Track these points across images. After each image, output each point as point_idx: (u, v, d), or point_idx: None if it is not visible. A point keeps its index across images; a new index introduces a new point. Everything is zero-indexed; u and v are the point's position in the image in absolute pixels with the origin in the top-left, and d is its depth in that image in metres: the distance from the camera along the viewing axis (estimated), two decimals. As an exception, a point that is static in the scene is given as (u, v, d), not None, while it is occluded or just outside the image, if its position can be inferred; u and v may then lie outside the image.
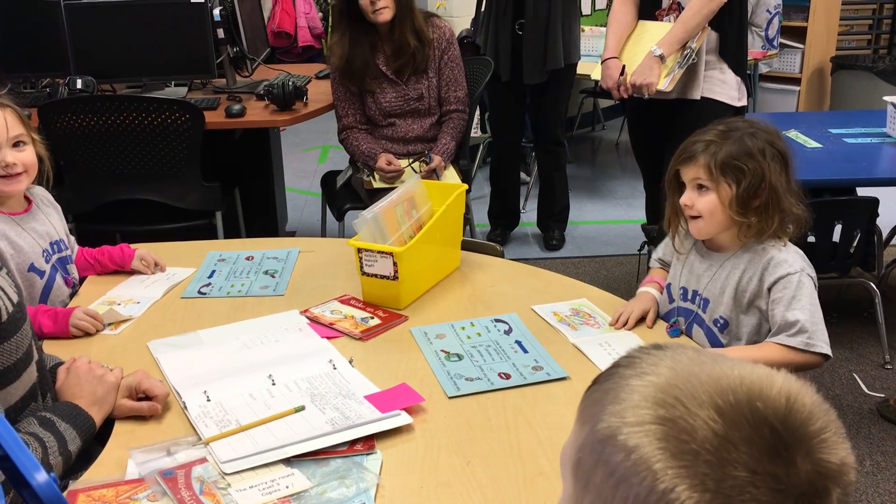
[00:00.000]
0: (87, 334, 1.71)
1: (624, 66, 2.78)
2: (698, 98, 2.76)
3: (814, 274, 1.64)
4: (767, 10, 5.38)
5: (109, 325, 1.76)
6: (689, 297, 1.76)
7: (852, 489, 0.59)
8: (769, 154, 1.60)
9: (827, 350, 1.59)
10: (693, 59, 2.69)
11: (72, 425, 1.31)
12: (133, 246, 2.08)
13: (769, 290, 1.63)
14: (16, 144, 1.80)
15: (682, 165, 1.67)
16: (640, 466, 0.57)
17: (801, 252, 1.66)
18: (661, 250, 1.91)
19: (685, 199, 1.66)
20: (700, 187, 1.64)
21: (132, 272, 2.02)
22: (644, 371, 0.62)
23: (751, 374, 0.60)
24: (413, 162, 3.06)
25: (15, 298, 1.32)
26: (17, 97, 3.21)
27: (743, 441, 0.56)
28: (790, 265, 1.61)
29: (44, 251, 1.87)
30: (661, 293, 1.82)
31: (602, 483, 0.60)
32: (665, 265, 1.89)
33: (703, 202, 1.63)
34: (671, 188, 1.72)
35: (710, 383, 0.59)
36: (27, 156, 1.81)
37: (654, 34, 2.76)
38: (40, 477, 0.68)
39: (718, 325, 1.72)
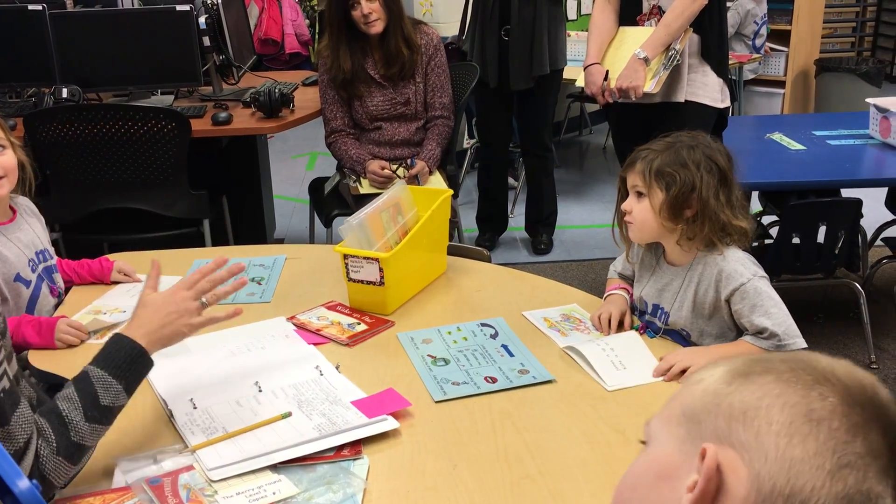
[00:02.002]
0: (72, 346, 1.71)
1: (607, 72, 2.79)
2: (682, 101, 2.78)
3: (764, 273, 1.68)
4: (755, 21, 5.48)
5: (95, 333, 1.76)
6: (651, 310, 1.79)
7: None
8: (704, 166, 1.65)
9: (801, 345, 1.63)
10: (678, 61, 2.70)
11: (107, 371, 1.23)
12: (112, 257, 2.08)
13: (727, 301, 1.67)
14: None
15: (626, 173, 1.73)
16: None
17: (746, 255, 1.70)
18: (621, 264, 1.94)
19: (625, 204, 1.73)
20: (639, 194, 1.70)
21: (114, 284, 2.01)
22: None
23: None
24: (398, 168, 3.07)
25: None
26: (2, 107, 3.22)
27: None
28: (741, 275, 1.64)
29: (30, 261, 1.87)
30: (629, 299, 1.85)
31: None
32: (623, 278, 1.92)
33: (639, 208, 1.70)
34: (620, 194, 1.78)
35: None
36: (6, 160, 1.81)
37: (636, 39, 2.77)
38: (22, 484, 0.68)
39: (683, 334, 1.75)
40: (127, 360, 1.26)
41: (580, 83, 2.94)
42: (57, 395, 1.23)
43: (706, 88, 2.79)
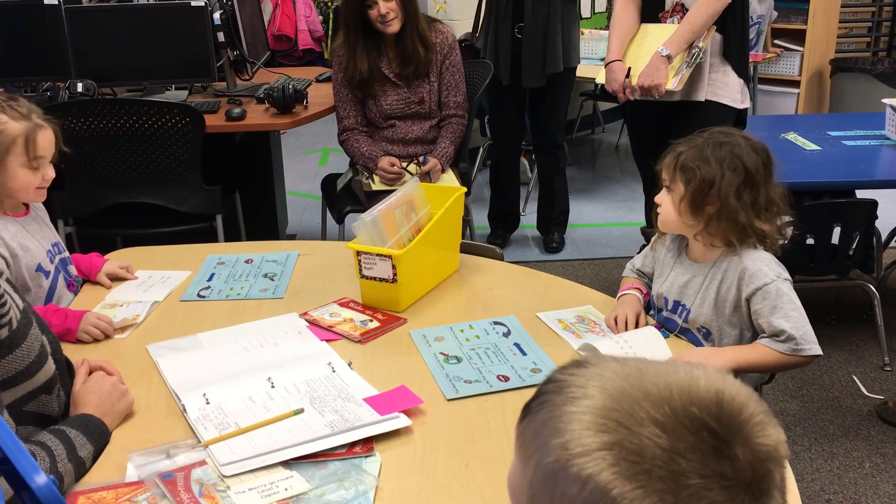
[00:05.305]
0: (96, 340, 1.72)
1: (629, 69, 2.78)
2: (702, 100, 2.76)
3: (788, 276, 1.66)
4: (751, 18, 5.46)
5: (117, 328, 1.76)
6: (671, 307, 1.78)
7: (787, 462, 0.62)
8: (728, 164, 1.63)
9: (816, 351, 1.61)
10: (700, 59, 2.69)
11: (82, 432, 1.31)
12: (124, 252, 2.09)
13: (748, 300, 1.66)
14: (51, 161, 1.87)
15: (659, 165, 1.74)
16: (596, 495, 0.58)
17: (773, 257, 1.69)
18: (640, 260, 1.93)
19: (657, 197, 1.74)
20: (668, 187, 1.71)
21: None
22: (574, 395, 0.63)
23: (677, 379, 0.62)
24: (409, 164, 3.07)
25: (21, 304, 1.34)
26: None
27: (689, 450, 0.58)
28: (765, 275, 1.63)
29: (48, 252, 1.90)
30: (643, 299, 1.84)
31: None
32: (642, 275, 1.91)
33: (665, 200, 1.71)
34: (657, 188, 1.78)
35: (643, 399, 0.60)
36: (50, 172, 1.89)
37: (657, 36, 2.76)
38: (39, 479, 0.68)
39: (702, 332, 1.74)
40: (97, 431, 1.35)
41: (601, 80, 2.93)
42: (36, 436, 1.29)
43: (727, 88, 2.77)
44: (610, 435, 0.59)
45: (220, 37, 3.33)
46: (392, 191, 2.00)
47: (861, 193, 2.98)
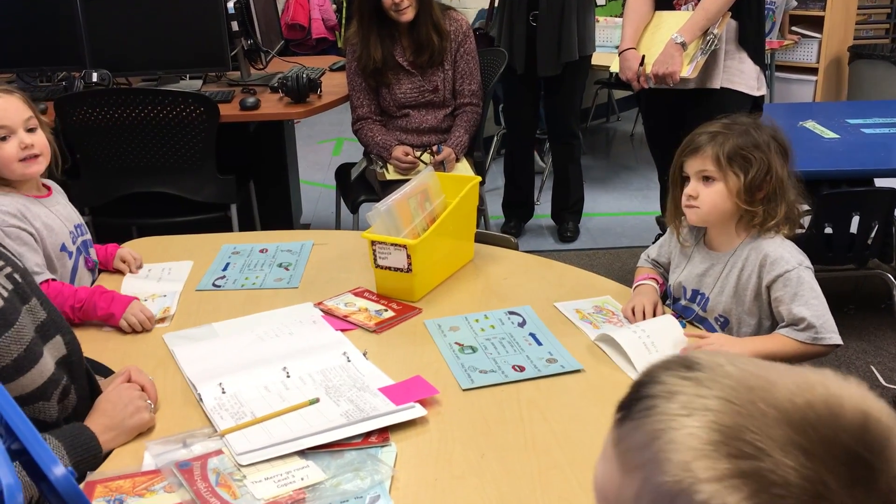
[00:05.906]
0: (134, 331, 1.71)
1: (643, 57, 2.76)
2: (718, 87, 2.74)
3: (810, 264, 1.65)
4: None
5: (156, 321, 1.76)
6: (689, 296, 1.77)
7: None
8: (773, 147, 1.63)
9: (836, 340, 1.60)
10: (716, 45, 2.66)
11: (64, 444, 1.25)
12: (139, 241, 2.09)
13: (768, 288, 1.64)
14: (29, 129, 1.85)
15: (687, 158, 1.68)
16: None
17: (794, 245, 1.67)
18: (656, 251, 1.91)
19: (690, 189, 1.67)
20: (706, 179, 1.65)
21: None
22: (691, 405, 0.56)
23: (815, 396, 0.55)
24: (423, 153, 3.07)
25: None
26: (34, 91, 3.25)
27: (840, 484, 0.51)
28: (787, 262, 1.62)
29: (70, 233, 1.92)
30: (659, 289, 1.82)
31: None
32: (657, 265, 1.90)
33: (709, 192, 1.64)
34: (675, 182, 1.73)
35: (781, 419, 0.53)
36: (41, 139, 1.86)
37: (672, 24, 2.73)
38: (58, 471, 0.68)
39: (719, 322, 1.73)
40: (84, 446, 1.28)
41: (615, 68, 2.91)
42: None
43: (742, 76, 2.75)
44: (746, 460, 0.52)
45: (234, 26, 3.33)
46: (406, 180, 2.00)
47: (880, 182, 2.95)
